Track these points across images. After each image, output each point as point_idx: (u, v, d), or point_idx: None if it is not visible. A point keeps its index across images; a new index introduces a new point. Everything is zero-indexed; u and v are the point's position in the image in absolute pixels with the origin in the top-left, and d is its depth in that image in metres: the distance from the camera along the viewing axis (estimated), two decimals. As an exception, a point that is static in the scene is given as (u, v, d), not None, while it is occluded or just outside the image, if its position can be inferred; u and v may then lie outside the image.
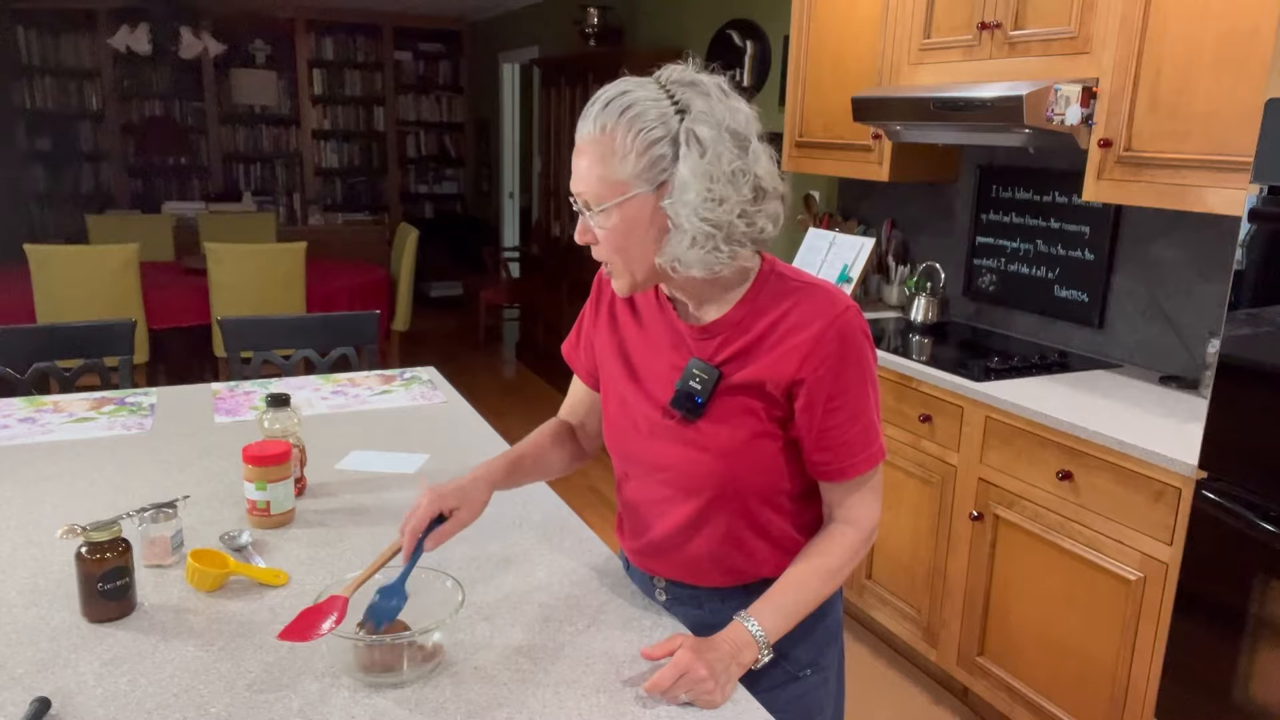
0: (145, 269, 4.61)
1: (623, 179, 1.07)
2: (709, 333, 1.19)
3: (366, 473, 1.79)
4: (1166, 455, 1.94)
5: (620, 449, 1.29)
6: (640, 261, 1.12)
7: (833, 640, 1.34)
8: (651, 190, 1.07)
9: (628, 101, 1.06)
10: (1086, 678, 2.19)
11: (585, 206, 1.11)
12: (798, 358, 1.13)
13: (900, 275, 3.44)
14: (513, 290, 6.78)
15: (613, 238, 1.10)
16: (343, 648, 1.11)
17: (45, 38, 7.05)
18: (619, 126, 1.06)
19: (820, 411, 1.14)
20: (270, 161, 7.95)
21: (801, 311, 1.14)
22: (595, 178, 1.08)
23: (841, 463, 1.17)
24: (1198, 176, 2.10)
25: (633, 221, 1.09)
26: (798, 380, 1.13)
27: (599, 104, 1.08)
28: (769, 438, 1.17)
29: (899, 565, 2.75)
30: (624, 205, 1.08)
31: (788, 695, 1.27)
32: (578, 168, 1.10)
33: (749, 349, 1.16)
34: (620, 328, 1.30)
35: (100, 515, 1.53)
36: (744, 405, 1.16)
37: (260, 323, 2.77)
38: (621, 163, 1.06)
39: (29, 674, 1.10)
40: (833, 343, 1.12)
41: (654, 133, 1.05)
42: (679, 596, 1.30)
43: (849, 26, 3.18)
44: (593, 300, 1.37)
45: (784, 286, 1.17)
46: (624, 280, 1.15)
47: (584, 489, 4.10)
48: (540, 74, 5.90)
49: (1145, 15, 2.19)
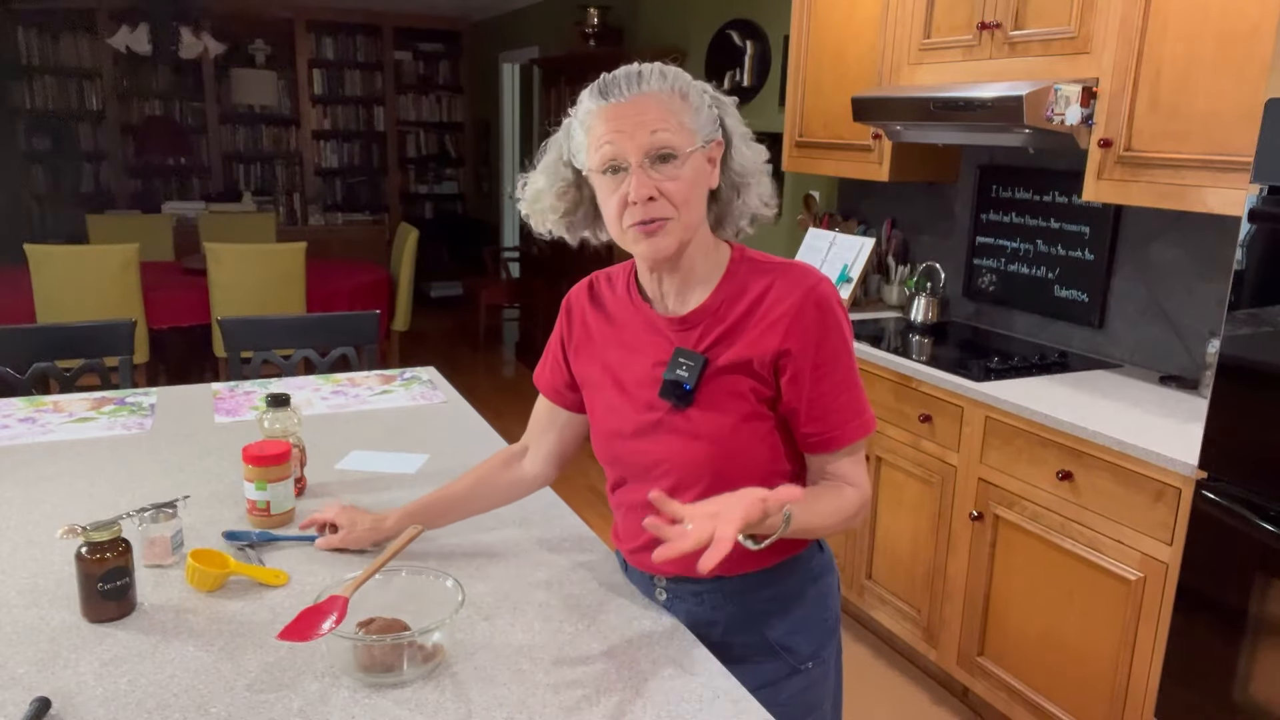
0: (145, 269, 4.61)
1: (693, 130, 1.14)
2: (688, 323, 1.22)
3: (366, 473, 1.79)
4: (1166, 455, 1.94)
5: (611, 455, 1.30)
6: (697, 215, 1.17)
7: (832, 633, 1.35)
8: (707, 146, 1.16)
9: (677, 69, 1.16)
10: (1086, 678, 2.19)
11: (653, 158, 1.12)
12: (781, 329, 1.16)
13: (900, 275, 3.44)
14: (513, 290, 6.78)
15: (684, 188, 1.13)
16: (343, 648, 1.11)
17: (45, 38, 7.05)
18: (684, 84, 1.15)
19: (807, 381, 1.16)
20: (270, 161, 7.95)
21: (780, 288, 1.18)
22: (675, 125, 1.12)
23: (832, 431, 1.18)
24: (1198, 176, 2.10)
25: (699, 173, 1.15)
26: (783, 351, 1.16)
27: (653, 69, 1.14)
28: (759, 419, 1.19)
29: (899, 565, 2.75)
30: (695, 155, 1.14)
31: (791, 689, 1.28)
32: (643, 118, 1.12)
33: (730, 332, 1.19)
34: (596, 340, 1.31)
35: (100, 515, 1.53)
36: (732, 388, 1.18)
37: (260, 323, 2.77)
38: (695, 114, 1.14)
39: (29, 674, 1.10)
40: (812, 311, 1.16)
41: (705, 97, 1.17)
42: (680, 594, 1.30)
43: (849, 26, 3.18)
44: (562, 325, 1.37)
45: (756, 269, 1.22)
46: (674, 237, 1.15)
47: (584, 489, 4.09)
48: (540, 74, 5.90)
49: (1145, 15, 2.19)
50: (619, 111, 1.13)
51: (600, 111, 1.14)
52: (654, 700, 1.09)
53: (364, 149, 8.30)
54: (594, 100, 1.16)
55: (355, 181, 8.33)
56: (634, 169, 1.12)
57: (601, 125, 1.14)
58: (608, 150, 1.13)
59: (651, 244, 1.15)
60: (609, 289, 1.33)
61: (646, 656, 1.18)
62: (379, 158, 8.34)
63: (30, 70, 7.05)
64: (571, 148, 1.21)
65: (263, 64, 7.66)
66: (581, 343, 1.33)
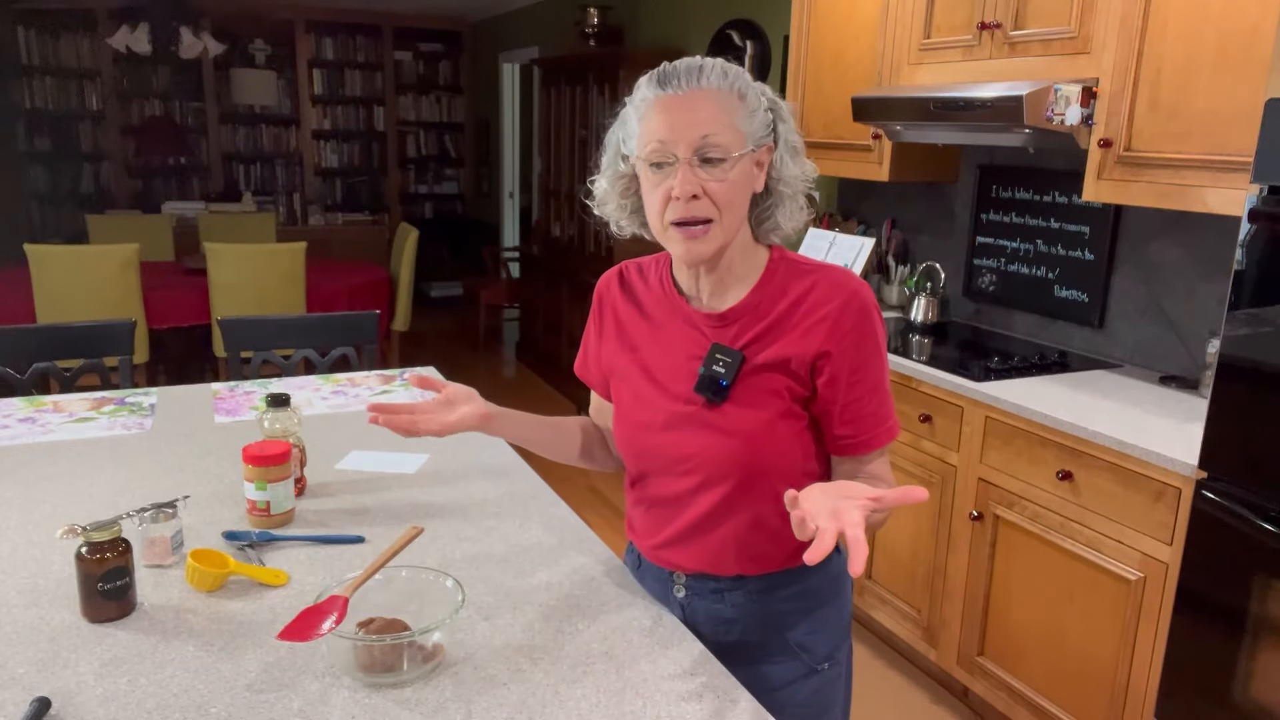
0: (145, 269, 4.61)
1: (745, 133, 1.13)
2: (726, 320, 1.21)
3: (366, 473, 1.79)
4: (1166, 455, 1.94)
5: (636, 447, 1.29)
6: (739, 220, 1.16)
7: (846, 633, 1.35)
8: (757, 150, 1.15)
9: (739, 69, 1.15)
10: (1086, 678, 2.19)
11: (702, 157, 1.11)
12: (823, 331, 1.16)
13: (900, 275, 3.44)
14: (513, 290, 6.78)
15: (730, 191, 1.12)
16: (343, 648, 1.11)
17: (45, 38, 7.04)
18: (743, 86, 1.14)
19: (844, 384, 1.17)
20: (270, 161, 7.95)
21: (822, 290, 1.18)
22: (727, 125, 1.11)
23: (864, 435, 1.19)
24: (1198, 176, 2.10)
25: (747, 177, 1.15)
26: (823, 353, 1.16)
27: (715, 66, 1.13)
28: (793, 417, 1.19)
29: (899, 565, 2.75)
30: (745, 159, 1.13)
31: (807, 689, 1.28)
32: (697, 115, 1.10)
33: (770, 330, 1.19)
34: (629, 331, 1.31)
35: (100, 515, 1.53)
36: (768, 386, 1.18)
37: (260, 323, 2.77)
38: (750, 117, 1.13)
39: (29, 674, 1.10)
40: (854, 316, 1.17)
41: (763, 100, 1.16)
42: (699, 590, 1.29)
43: (849, 26, 3.18)
44: (595, 315, 1.37)
45: (797, 269, 1.21)
46: (715, 243, 1.15)
47: (584, 489, 4.10)
48: (540, 74, 5.89)
49: (1145, 15, 2.19)
50: (674, 104, 1.12)
51: (656, 101, 1.13)
52: (654, 700, 1.09)
53: (364, 149, 8.30)
54: (651, 89, 1.14)
55: (355, 181, 8.33)
56: (681, 164, 1.11)
57: (655, 116, 1.13)
58: (657, 143, 1.12)
59: (689, 247, 1.15)
60: (640, 279, 1.32)
61: (647, 656, 1.18)
62: (379, 158, 8.34)
63: (30, 70, 7.05)
64: (624, 134, 1.19)
65: (263, 64, 7.66)
66: (611, 332, 1.33)
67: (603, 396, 1.40)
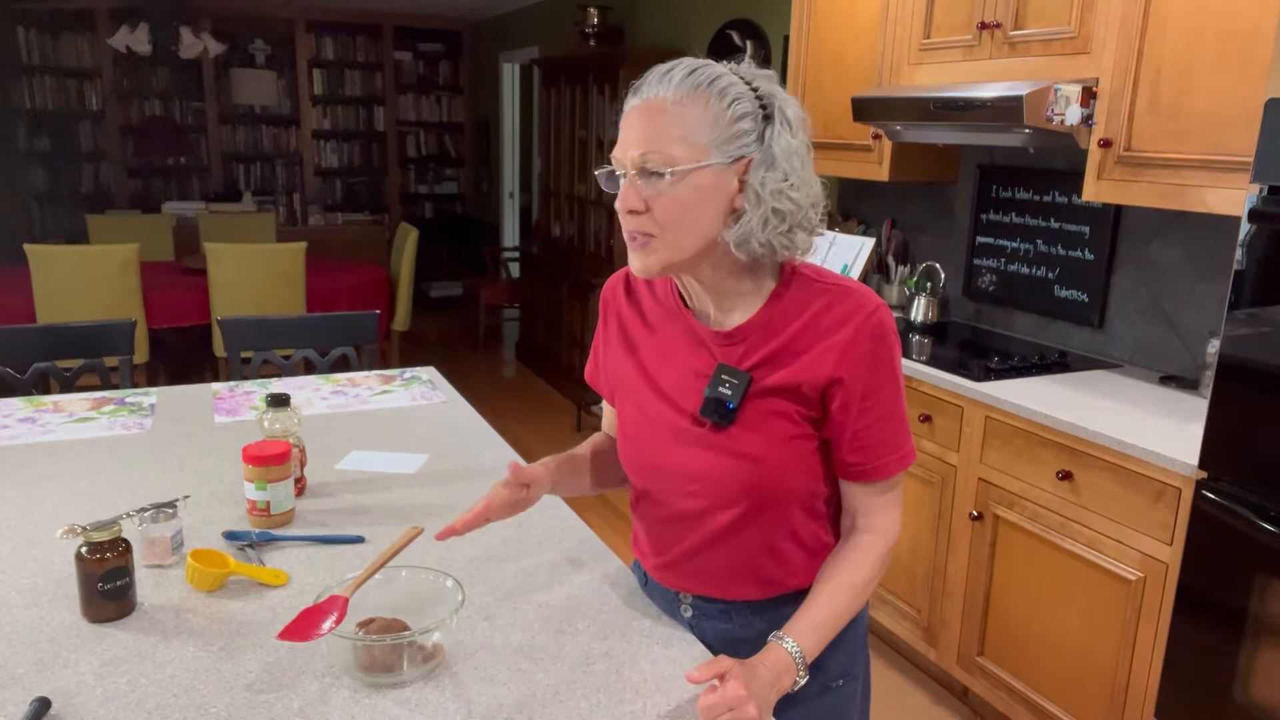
0: (145, 269, 4.61)
1: (703, 145, 1.04)
2: (733, 339, 1.15)
3: (366, 473, 1.79)
4: (1166, 455, 1.94)
5: (642, 463, 1.24)
6: (692, 237, 1.07)
7: (862, 648, 1.31)
8: (727, 164, 1.05)
9: (715, 73, 1.06)
10: (1086, 678, 2.19)
11: (643, 171, 1.05)
12: (834, 356, 1.11)
13: (900, 275, 3.44)
14: (513, 290, 6.78)
15: (674, 207, 1.05)
16: (343, 648, 1.11)
17: (45, 38, 7.04)
18: (709, 93, 1.05)
19: (855, 411, 1.12)
20: (270, 161, 7.95)
21: (837, 312, 1.12)
22: (674, 138, 1.04)
23: (874, 463, 1.15)
24: (1198, 176, 2.10)
25: (703, 192, 1.06)
26: (835, 379, 1.11)
27: (681, 70, 1.06)
28: (803, 439, 1.14)
29: (899, 565, 2.75)
30: (698, 173, 1.05)
31: (822, 708, 1.24)
32: (643, 129, 1.05)
33: (780, 352, 1.13)
34: (633, 340, 1.26)
35: (100, 515, 1.53)
36: (777, 409, 1.13)
37: (260, 323, 2.77)
38: (709, 129, 1.04)
39: (29, 674, 1.10)
40: (868, 341, 1.11)
41: (741, 106, 1.05)
42: (707, 612, 1.26)
43: (849, 26, 3.18)
44: (601, 320, 1.33)
45: (810, 288, 1.14)
46: (657, 257, 1.08)
47: (584, 489, 4.09)
48: (540, 74, 5.89)
49: (1145, 15, 2.19)
50: (632, 113, 1.07)
51: (627, 110, 1.09)
52: (655, 701, 1.09)
53: (364, 149, 8.30)
54: (629, 97, 1.10)
55: (355, 181, 8.33)
56: (627, 177, 1.07)
57: (622, 124, 1.09)
58: (613, 154, 1.09)
59: (634, 259, 1.11)
60: (646, 288, 1.27)
61: (647, 657, 1.18)
62: (379, 158, 8.34)
63: (30, 70, 7.05)
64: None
65: (263, 64, 7.66)
66: (616, 340, 1.29)
67: (614, 406, 1.34)
